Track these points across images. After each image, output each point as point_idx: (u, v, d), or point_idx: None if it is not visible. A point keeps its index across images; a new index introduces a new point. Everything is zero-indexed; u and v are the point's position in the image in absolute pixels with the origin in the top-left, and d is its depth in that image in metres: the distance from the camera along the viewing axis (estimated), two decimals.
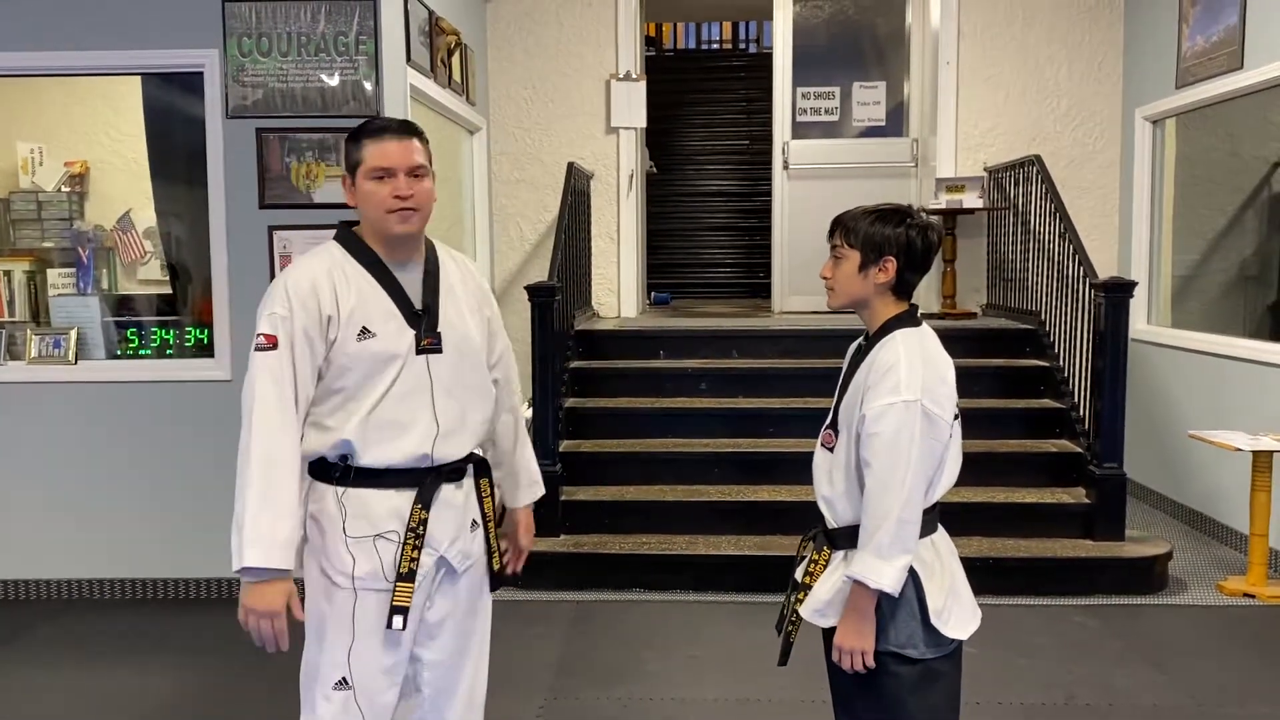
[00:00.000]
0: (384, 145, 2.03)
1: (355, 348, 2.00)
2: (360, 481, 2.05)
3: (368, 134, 2.05)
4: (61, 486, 4.42)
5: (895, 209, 2.01)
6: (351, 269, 2.05)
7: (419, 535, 2.05)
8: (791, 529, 4.51)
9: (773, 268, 6.97)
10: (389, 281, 2.06)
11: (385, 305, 2.04)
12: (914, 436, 1.87)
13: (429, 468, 2.07)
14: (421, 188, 2.05)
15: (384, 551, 2.05)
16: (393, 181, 2.02)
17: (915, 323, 2.01)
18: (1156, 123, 5.97)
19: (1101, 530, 4.57)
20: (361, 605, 2.05)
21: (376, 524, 2.05)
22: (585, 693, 3.49)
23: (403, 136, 2.05)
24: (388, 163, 2.02)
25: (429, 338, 2.06)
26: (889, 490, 1.87)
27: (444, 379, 2.07)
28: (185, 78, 4.40)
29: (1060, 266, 5.22)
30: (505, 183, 6.54)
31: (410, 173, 2.03)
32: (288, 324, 1.98)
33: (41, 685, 3.61)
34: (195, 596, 4.43)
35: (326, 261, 2.06)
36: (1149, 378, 5.71)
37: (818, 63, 6.91)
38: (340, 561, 2.06)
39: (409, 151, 2.03)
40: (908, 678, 1.95)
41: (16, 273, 5.11)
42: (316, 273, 2.03)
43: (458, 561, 2.15)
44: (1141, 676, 3.59)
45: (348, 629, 2.06)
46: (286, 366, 1.98)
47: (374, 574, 2.05)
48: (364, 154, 2.04)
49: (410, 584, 2.04)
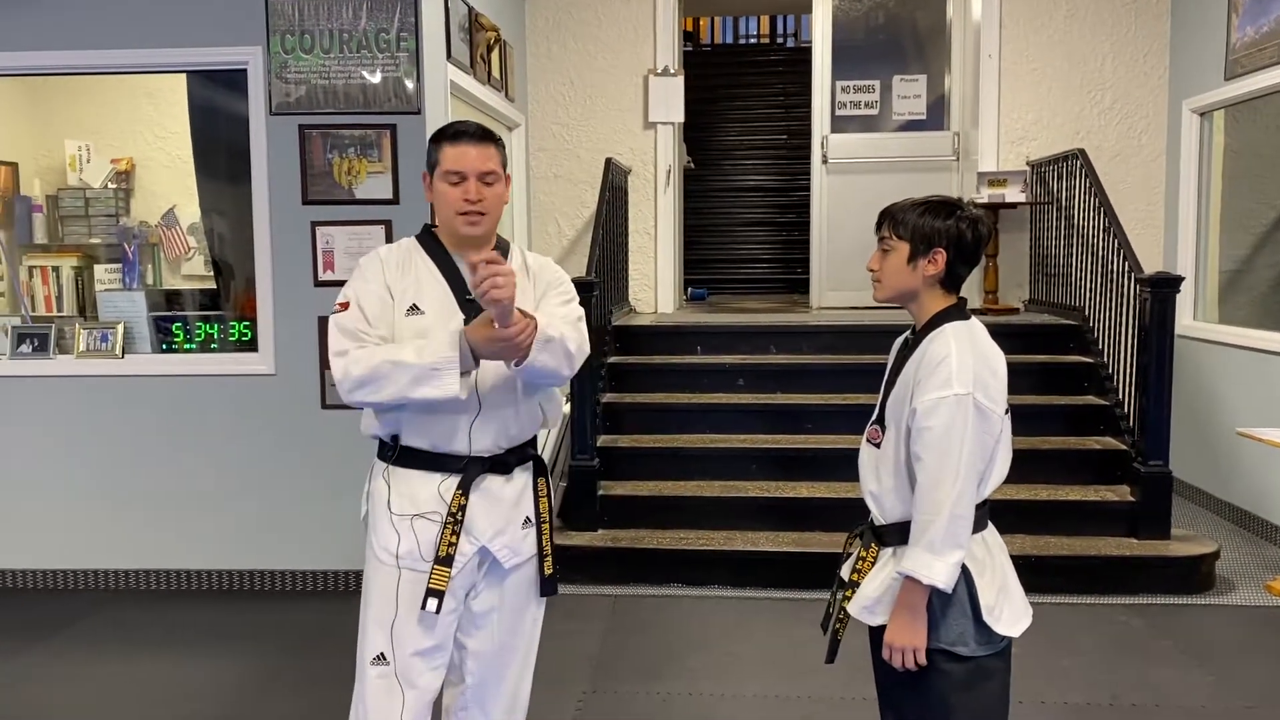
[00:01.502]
0: (460, 149, 2.11)
1: (404, 322, 2.09)
2: (406, 460, 2.13)
3: (447, 137, 2.14)
4: (108, 478, 4.49)
5: (945, 201, 1.98)
6: (419, 256, 2.17)
7: (458, 521, 2.09)
8: (831, 525, 4.50)
9: (811, 263, 6.93)
10: (450, 270, 2.15)
11: (440, 290, 2.13)
12: (966, 430, 1.85)
13: (473, 456, 2.12)
14: (492, 193, 2.13)
15: (422, 532, 2.11)
16: (464, 185, 2.10)
17: (964, 316, 1.98)
18: (1204, 115, 5.87)
19: (1146, 529, 4.50)
20: (403, 582, 2.12)
21: (419, 504, 2.11)
22: (624, 687, 3.50)
23: (478, 143, 2.13)
24: (460, 167, 2.10)
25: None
26: (941, 485, 1.85)
27: (489, 367, 2.08)
28: (229, 75, 4.44)
29: (1104, 261, 5.15)
30: (543, 179, 6.55)
31: (481, 178, 2.11)
32: (355, 286, 2.13)
33: (85, 674, 3.67)
34: (238, 588, 4.48)
35: (397, 250, 2.20)
36: (1195, 374, 5.62)
37: (857, 56, 6.86)
38: (385, 538, 2.13)
39: (482, 158, 2.11)
40: (958, 676, 1.93)
41: (65, 268, 5.20)
42: (384, 254, 2.18)
43: (504, 556, 2.17)
44: (1188, 677, 3.54)
45: (390, 604, 2.13)
46: (358, 317, 2.09)
47: (412, 553, 2.11)
48: (441, 156, 2.12)
49: (447, 568, 2.09)
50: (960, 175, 6.62)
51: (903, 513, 1.95)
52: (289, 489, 4.42)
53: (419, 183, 4.22)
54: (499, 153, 2.16)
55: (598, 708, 3.36)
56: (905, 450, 1.93)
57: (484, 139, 2.14)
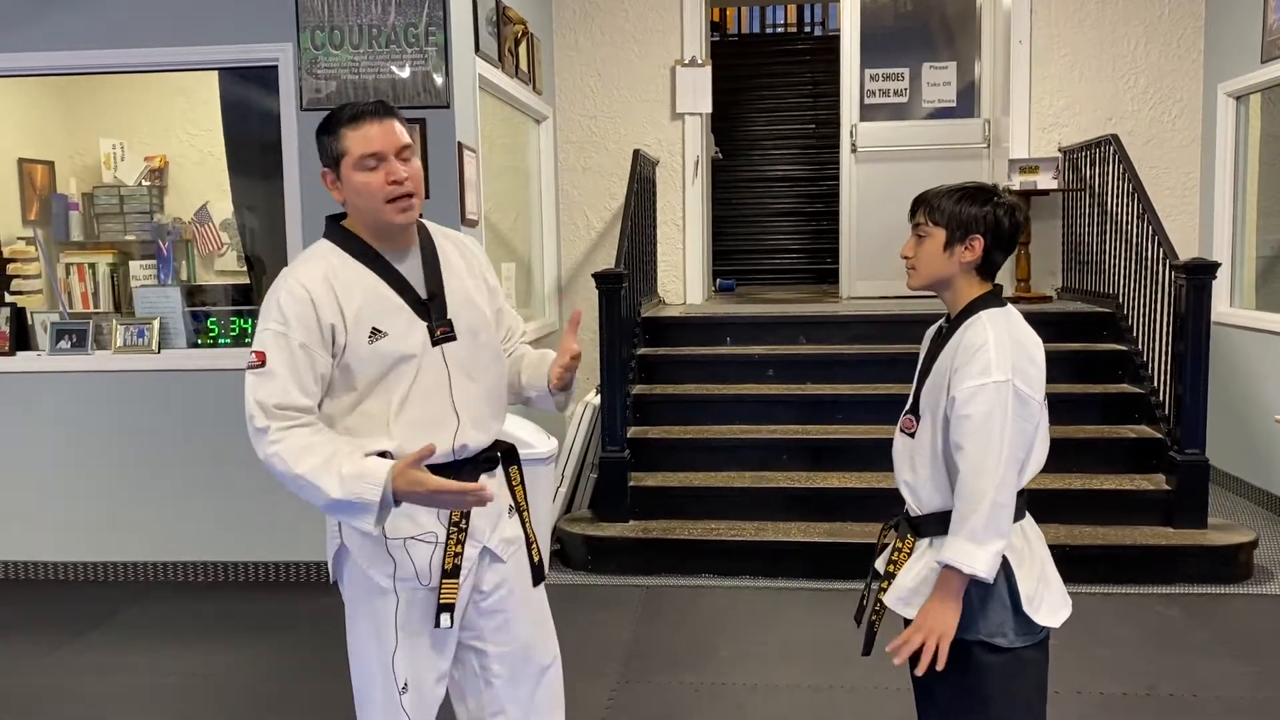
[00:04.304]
0: (365, 130, 1.89)
1: (367, 350, 1.91)
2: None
3: (343, 122, 1.91)
4: (145, 472, 4.55)
5: (981, 187, 1.97)
6: (349, 269, 1.94)
7: (462, 529, 1.98)
8: (862, 516, 4.49)
9: (840, 253, 6.89)
10: (391, 275, 1.96)
11: (392, 301, 1.95)
12: (1006, 418, 1.83)
13: (465, 459, 2.02)
14: (412, 169, 1.92)
15: (418, 554, 1.99)
16: (385, 166, 1.89)
17: (1000, 303, 1.96)
18: (1240, 99, 5.78)
19: (1183, 518, 4.46)
20: (404, 607, 2.00)
21: (418, 523, 1.98)
22: (656, 677, 3.51)
23: (384, 117, 1.91)
24: (375, 148, 1.89)
25: (441, 326, 1.98)
26: (982, 473, 1.83)
27: (462, 365, 2.01)
28: (260, 72, 4.48)
29: (1138, 248, 5.09)
30: (571, 171, 6.55)
31: (399, 154, 1.91)
32: (273, 344, 1.88)
33: (126, 665, 3.72)
34: (274, 580, 4.53)
35: (322, 266, 1.93)
36: (1232, 362, 5.55)
37: (886, 43, 6.81)
38: (384, 563, 1.99)
39: (394, 132, 1.91)
40: (996, 667, 1.91)
41: (101, 265, 5.28)
42: (311, 282, 1.90)
43: (500, 549, 2.10)
44: (1226, 667, 3.50)
45: (391, 631, 2.00)
46: (279, 390, 1.88)
47: (412, 576, 1.99)
48: (346, 144, 1.90)
49: (455, 580, 1.98)
50: (991, 163, 6.56)
51: (940, 503, 1.94)
52: None
53: (448, 177, 4.29)
54: (406, 126, 1.95)
55: (630, 698, 3.37)
56: (942, 439, 1.92)
57: (387, 113, 1.92)
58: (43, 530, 4.62)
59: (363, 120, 1.90)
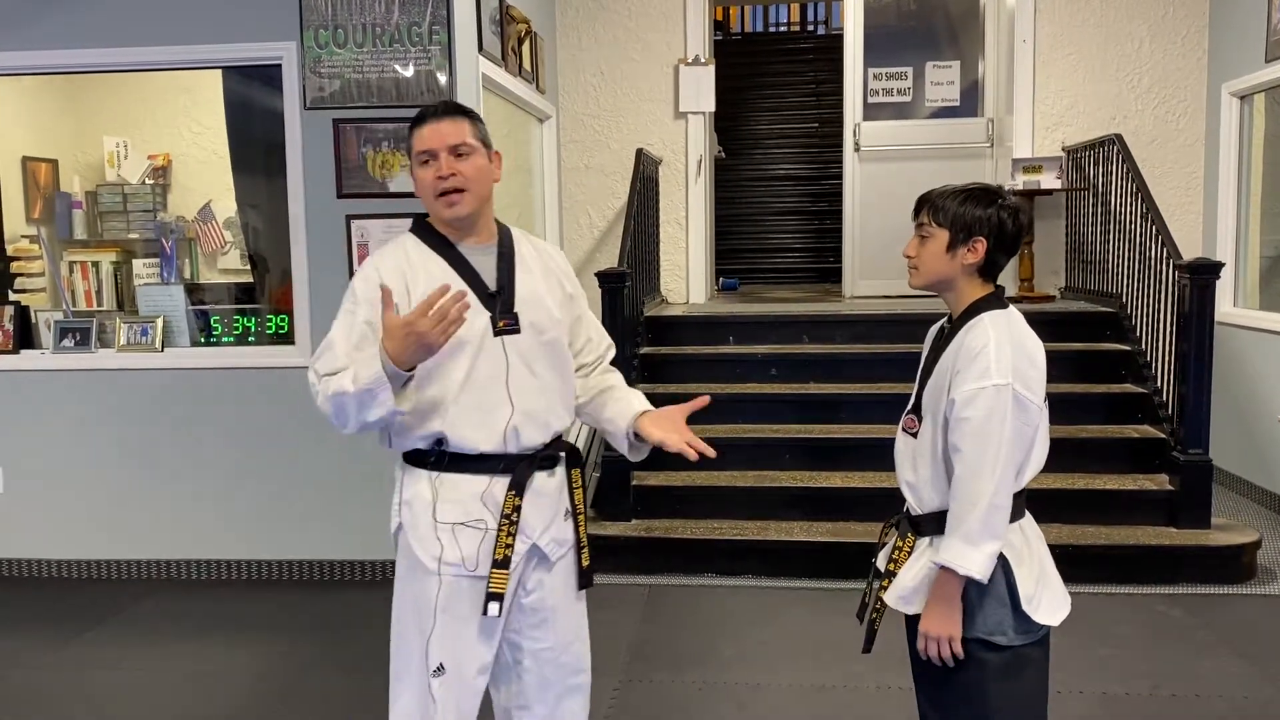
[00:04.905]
0: (421, 130, 2.04)
1: None
2: (454, 466, 2.05)
3: (414, 123, 2.06)
4: (148, 470, 4.56)
5: (985, 189, 1.97)
6: (422, 256, 2.06)
7: (513, 522, 2.03)
8: (864, 515, 4.49)
9: (843, 252, 6.90)
10: (462, 265, 2.06)
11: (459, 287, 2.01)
12: (1005, 421, 1.84)
13: (519, 454, 2.06)
14: (469, 165, 2.02)
15: (465, 540, 2.04)
16: (435, 164, 2.02)
17: (1002, 305, 1.97)
18: (1244, 98, 5.77)
19: (1186, 518, 4.45)
20: (447, 591, 2.04)
21: (467, 509, 2.05)
22: (659, 676, 3.51)
23: (442, 117, 2.04)
24: (427, 145, 2.02)
25: (505, 318, 2.04)
26: (979, 476, 1.84)
27: (523, 357, 2.06)
28: (264, 70, 4.48)
29: (1142, 248, 5.09)
30: (574, 170, 6.56)
31: (452, 151, 2.01)
32: (342, 320, 2.04)
33: (133, 661, 3.73)
34: (276, 578, 4.54)
35: (396, 255, 2.07)
36: (1235, 362, 5.54)
37: (889, 43, 6.81)
38: (432, 545, 2.05)
39: (447, 132, 2.02)
40: (996, 665, 1.92)
41: (104, 264, 5.28)
42: (384, 267, 2.05)
43: (551, 549, 2.13)
44: (1229, 667, 3.50)
45: (430, 614, 2.05)
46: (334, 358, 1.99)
47: (459, 561, 2.04)
48: (411, 143, 2.06)
49: (505, 570, 2.03)
50: (994, 162, 6.55)
51: (939, 502, 1.95)
52: (326, 480, 4.47)
53: None
54: (472, 125, 2.05)
55: (633, 697, 3.37)
56: (942, 440, 1.92)
57: (450, 113, 2.05)
58: (46, 528, 4.63)
59: (423, 122, 2.05)
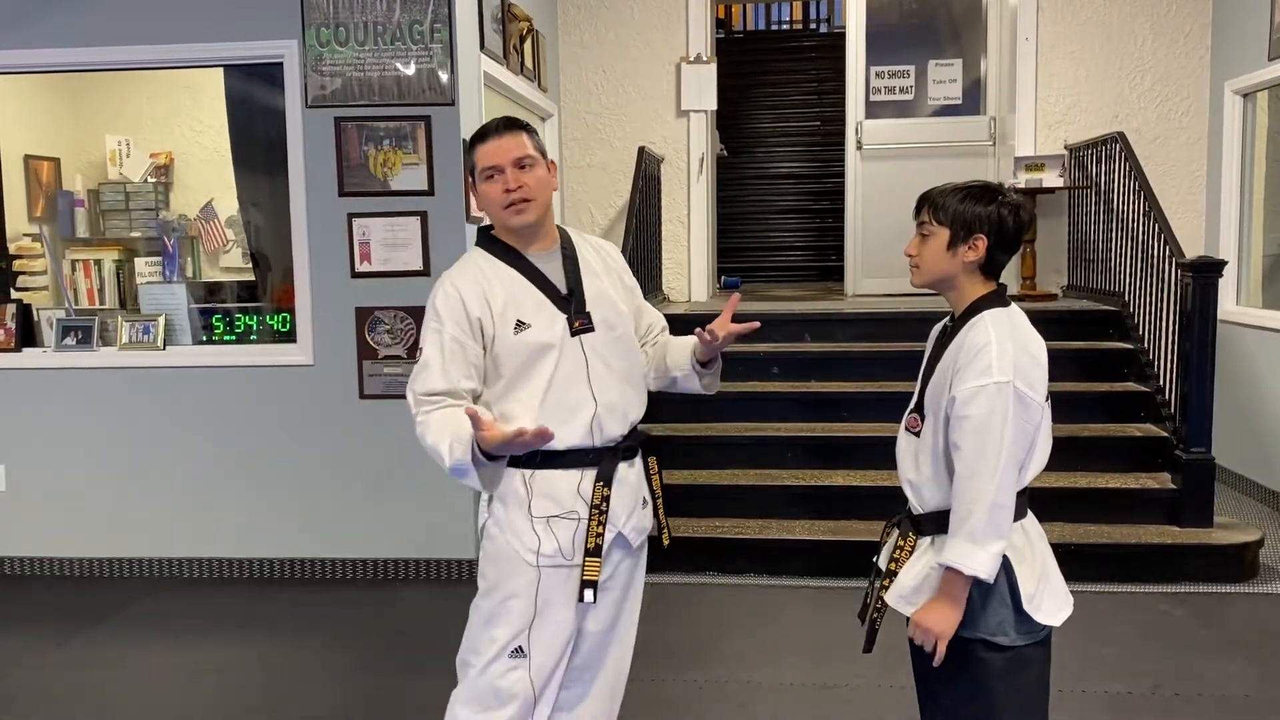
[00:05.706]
0: (484, 147, 2.15)
1: (513, 340, 2.13)
2: (546, 463, 2.15)
3: (476, 139, 2.18)
4: (151, 468, 4.56)
5: (986, 186, 1.96)
6: (495, 269, 2.17)
7: (603, 511, 2.15)
8: (866, 514, 4.49)
9: (845, 250, 6.89)
10: (533, 273, 2.18)
11: (534, 296, 2.16)
12: (1006, 419, 1.83)
13: (604, 446, 2.18)
14: (532, 177, 2.14)
15: (561, 531, 2.15)
16: (501, 178, 2.13)
17: (1004, 303, 1.96)
18: (1247, 96, 5.76)
19: (1188, 516, 4.45)
20: (545, 582, 2.15)
21: (561, 503, 2.16)
22: (660, 674, 3.51)
23: (503, 133, 2.16)
24: (491, 161, 2.13)
25: (580, 319, 2.17)
26: (981, 475, 1.83)
27: (599, 353, 2.18)
28: (265, 69, 4.49)
29: (1144, 246, 5.08)
30: (576, 168, 6.56)
31: (516, 164, 2.13)
32: (430, 340, 2.14)
33: (135, 659, 3.74)
34: (278, 576, 4.54)
35: (471, 270, 2.18)
36: (1238, 360, 5.53)
37: (892, 41, 6.80)
38: (529, 538, 2.15)
39: (510, 147, 2.14)
40: (997, 665, 1.92)
41: (106, 262, 5.29)
42: (461, 283, 2.15)
43: (633, 537, 2.26)
44: (1231, 667, 3.49)
45: (530, 604, 2.16)
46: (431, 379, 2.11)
47: (556, 552, 2.15)
48: (475, 159, 2.17)
49: (598, 558, 2.15)
50: (997, 160, 6.54)
51: (941, 501, 1.94)
52: (327, 479, 4.47)
53: (453, 174, 4.30)
54: (531, 138, 2.18)
55: (634, 694, 3.35)
56: (944, 439, 1.92)
57: (510, 128, 2.17)
58: (47, 526, 4.63)
59: (485, 138, 2.16)
